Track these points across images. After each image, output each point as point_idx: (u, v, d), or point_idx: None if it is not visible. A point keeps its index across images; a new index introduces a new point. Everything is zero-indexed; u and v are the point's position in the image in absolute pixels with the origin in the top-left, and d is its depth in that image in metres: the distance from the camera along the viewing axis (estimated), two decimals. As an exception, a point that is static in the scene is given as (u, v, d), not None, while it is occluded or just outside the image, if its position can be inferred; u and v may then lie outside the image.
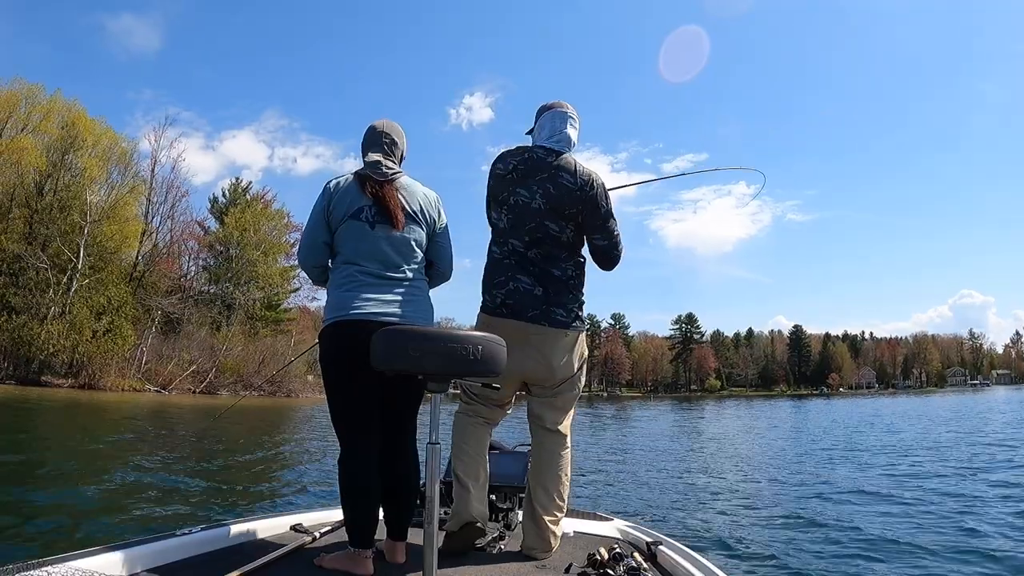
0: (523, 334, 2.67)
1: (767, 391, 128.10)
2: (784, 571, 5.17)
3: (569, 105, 2.93)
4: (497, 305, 2.75)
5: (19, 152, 35.15)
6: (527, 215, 2.74)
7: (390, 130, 2.70)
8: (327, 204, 2.54)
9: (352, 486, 2.40)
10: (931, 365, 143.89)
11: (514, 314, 2.71)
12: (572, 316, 2.77)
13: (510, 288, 2.73)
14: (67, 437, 13.33)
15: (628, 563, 2.43)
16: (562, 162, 2.77)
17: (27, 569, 1.76)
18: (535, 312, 2.70)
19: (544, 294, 2.72)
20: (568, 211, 2.74)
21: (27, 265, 34.71)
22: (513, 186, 2.78)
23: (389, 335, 1.96)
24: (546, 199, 2.72)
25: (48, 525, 5.61)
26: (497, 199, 2.83)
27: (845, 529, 6.55)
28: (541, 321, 2.70)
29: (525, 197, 2.75)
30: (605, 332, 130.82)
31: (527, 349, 2.69)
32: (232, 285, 46.80)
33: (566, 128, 2.86)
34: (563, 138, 2.85)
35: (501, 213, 2.81)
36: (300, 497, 7.90)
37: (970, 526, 6.64)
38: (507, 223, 2.79)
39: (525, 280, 2.73)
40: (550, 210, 2.73)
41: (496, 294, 2.76)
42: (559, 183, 2.73)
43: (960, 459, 12.95)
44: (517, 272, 2.74)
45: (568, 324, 2.75)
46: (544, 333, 2.71)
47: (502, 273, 2.77)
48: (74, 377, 34.96)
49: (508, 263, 2.77)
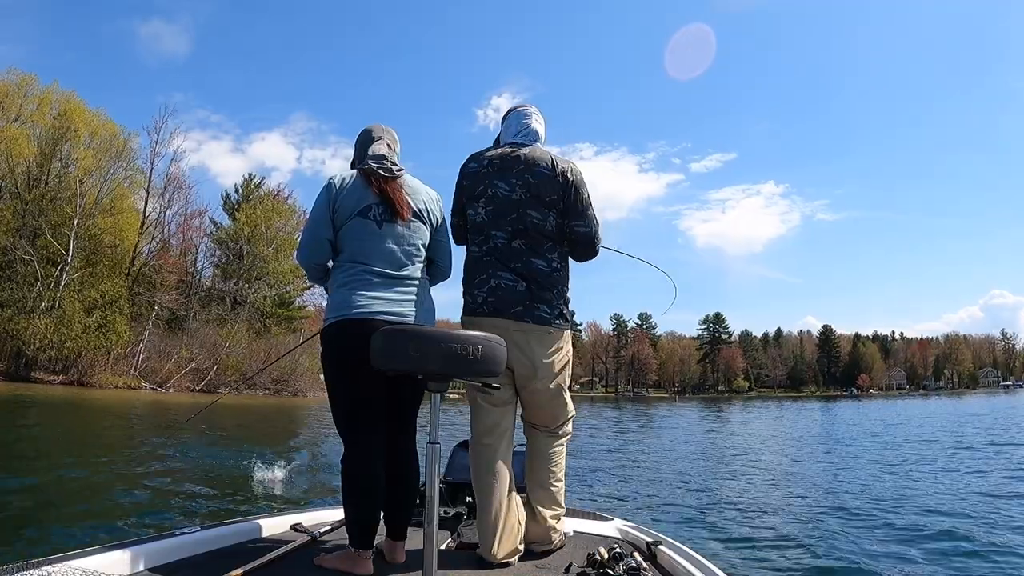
0: (506, 332, 2.42)
1: (796, 392, 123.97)
2: (784, 571, 5.00)
3: (530, 105, 2.90)
4: (479, 304, 2.63)
5: (8, 142, 33.16)
6: (508, 206, 2.63)
7: (387, 131, 2.65)
8: (331, 200, 2.42)
9: (354, 486, 2.32)
10: (963, 366, 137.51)
11: (496, 311, 2.58)
12: (555, 313, 2.63)
13: (491, 285, 2.61)
14: (52, 435, 13.11)
15: (628, 563, 2.37)
16: (536, 153, 2.68)
17: (27, 569, 1.74)
18: (518, 308, 2.58)
19: (527, 290, 2.59)
20: (548, 198, 2.62)
21: (15, 258, 32.76)
22: (490, 179, 2.66)
23: (389, 335, 1.94)
24: (526, 188, 2.62)
25: (48, 525, 5.42)
26: (472, 195, 2.70)
27: (847, 530, 6.35)
28: (524, 318, 2.58)
29: (504, 189, 2.64)
30: (632, 332, 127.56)
31: (509, 347, 2.31)
32: (242, 281, 45.04)
33: (531, 123, 2.81)
34: (529, 132, 2.79)
35: (478, 207, 2.68)
36: (300, 497, 7.73)
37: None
38: (487, 216, 2.66)
39: (507, 276, 2.60)
40: (531, 198, 2.62)
41: (477, 293, 2.64)
42: (536, 172, 2.63)
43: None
44: (498, 269, 2.62)
45: (550, 321, 2.61)
46: (527, 330, 2.58)
47: (483, 271, 2.65)
48: (64, 373, 32.92)
49: (488, 260, 2.65)
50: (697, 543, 5.53)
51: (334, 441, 2.36)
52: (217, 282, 46.97)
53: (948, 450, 14.83)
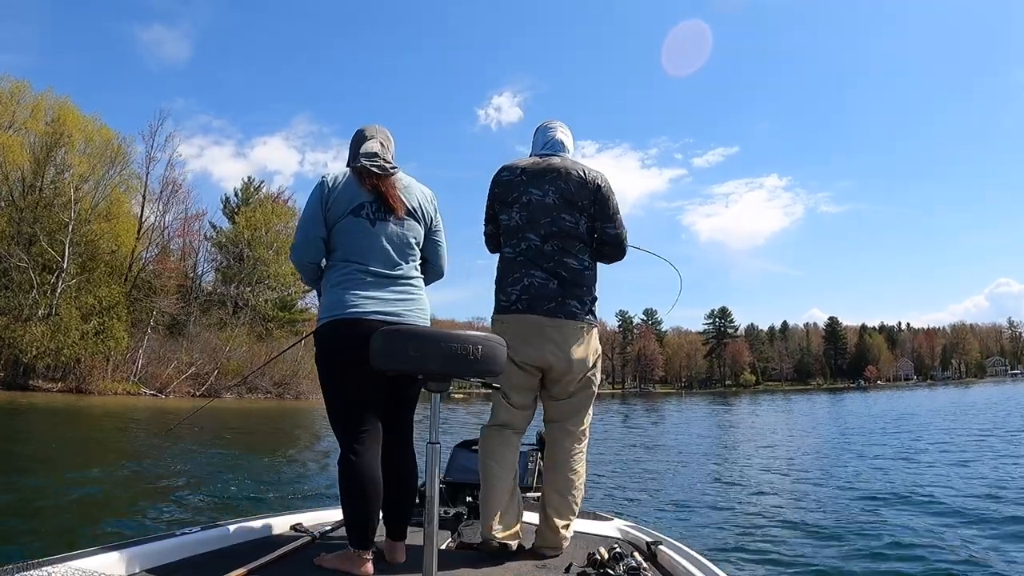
0: (539, 327, 2.61)
1: (803, 385, 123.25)
2: (785, 571, 4.92)
3: (556, 120, 2.99)
4: (512, 302, 2.68)
5: (2, 150, 32.53)
6: (541, 210, 2.71)
7: (380, 130, 2.61)
8: (324, 199, 2.39)
9: (352, 487, 2.29)
10: (970, 356, 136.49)
11: (530, 308, 2.64)
12: (585, 310, 2.69)
13: (524, 284, 2.67)
14: (50, 440, 12.95)
15: (628, 563, 2.36)
16: (568, 163, 2.78)
17: (27, 569, 1.74)
18: (551, 305, 2.63)
19: (559, 287, 2.65)
20: (581, 203, 2.71)
21: (10, 266, 32.12)
22: (525, 186, 2.75)
23: (388, 335, 1.89)
24: (559, 195, 2.71)
25: (48, 525, 5.40)
26: (506, 201, 2.78)
27: (849, 532, 6.02)
28: (557, 314, 2.63)
29: (538, 195, 2.72)
30: (638, 328, 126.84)
31: (545, 343, 2.60)
32: (243, 285, 44.48)
33: (556, 135, 2.91)
34: (555, 142, 2.88)
35: (512, 213, 2.76)
36: (300, 497, 7.59)
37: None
38: (521, 220, 2.74)
39: (539, 275, 2.67)
40: (564, 204, 2.70)
41: (511, 291, 2.69)
42: (569, 179, 2.72)
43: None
44: (531, 268, 2.68)
45: (582, 317, 2.67)
46: (560, 325, 2.63)
47: (516, 270, 2.71)
48: (62, 380, 32.25)
49: (521, 260, 2.71)
50: (697, 543, 5.39)
51: (334, 441, 2.34)
52: (218, 286, 46.40)
53: (964, 441, 14.27)
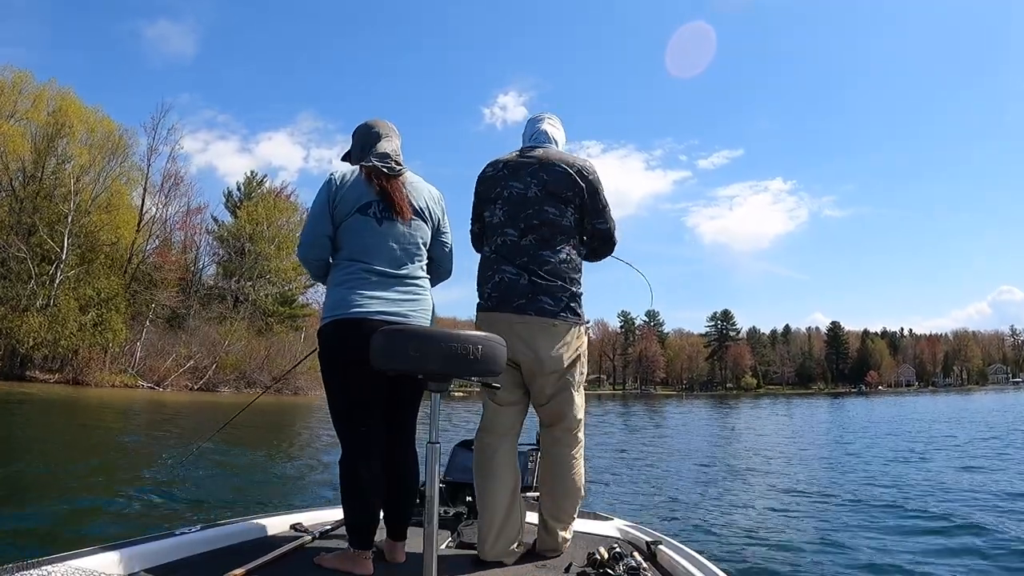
0: (508, 324, 2.45)
1: (804, 389, 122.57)
2: (786, 571, 4.87)
3: (547, 112, 2.92)
4: (485, 299, 2.59)
5: (3, 140, 32.37)
6: (522, 204, 2.59)
7: (390, 126, 2.57)
8: (331, 196, 2.37)
9: (352, 486, 2.27)
10: (972, 363, 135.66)
11: (499, 305, 2.53)
12: (561, 306, 2.52)
13: (495, 280, 2.57)
14: (47, 433, 12.91)
15: (628, 563, 2.32)
16: (551, 152, 2.68)
17: (27, 568, 1.73)
18: (521, 301, 2.50)
19: (530, 283, 2.51)
20: (566, 194, 2.59)
21: (8, 255, 31.91)
22: (506, 181, 2.64)
23: (389, 335, 1.87)
24: (542, 186, 2.59)
25: (47, 525, 5.26)
26: (489, 198, 2.69)
27: (849, 534, 6.00)
28: (526, 311, 2.49)
29: (519, 188, 2.62)
30: (640, 329, 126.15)
31: (514, 341, 2.41)
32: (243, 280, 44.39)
33: (542, 127, 2.82)
34: (540, 134, 2.80)
35: (495, 209, 2.65)
36: (300, 497, 7.61)
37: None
38: (502, 216, 2.63)
39: (510, 270, 2.55)
40: (548, 195, 2.58)
41: (484, 290, 2.61)
42: (551, 170, 2.61)
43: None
44: (502, 264, 2.57)
45: (556, 313, 2.51)
46: (528, 322, 2.49)
47: (489, 268, 2.62)
48: (60, 372, 32.11)
49: (494, 257, 2.61)
50: (697, 543, 5.35)
51: (334, 440, 2.34)
52: (218, 280, 46.23)
53: (963, 447, 14.04)
